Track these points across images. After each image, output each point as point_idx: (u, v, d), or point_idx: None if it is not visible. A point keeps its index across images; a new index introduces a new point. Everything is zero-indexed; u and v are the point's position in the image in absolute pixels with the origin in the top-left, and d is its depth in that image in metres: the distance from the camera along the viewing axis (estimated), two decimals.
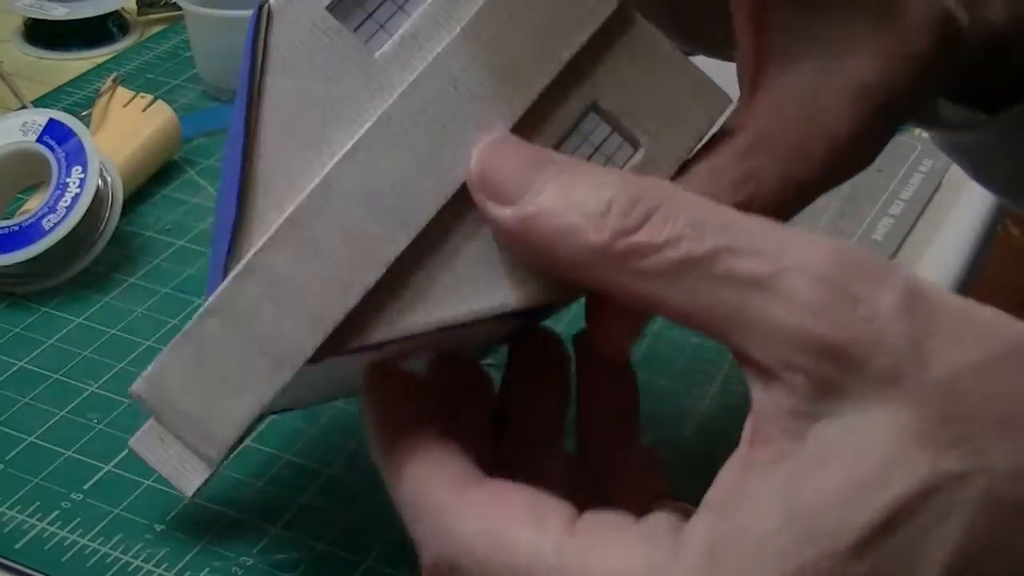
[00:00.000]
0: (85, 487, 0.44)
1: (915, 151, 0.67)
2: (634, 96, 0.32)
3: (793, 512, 0.25)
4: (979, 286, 0.64)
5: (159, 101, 0.63)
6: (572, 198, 0.28)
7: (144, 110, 0.62)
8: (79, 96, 0.71)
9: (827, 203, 0.62)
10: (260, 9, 0.30)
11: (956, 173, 0.66)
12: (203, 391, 0.30)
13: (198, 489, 0.37)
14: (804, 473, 0.25)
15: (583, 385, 0.35)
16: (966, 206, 0.65)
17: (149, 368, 0.31)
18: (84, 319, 0.53)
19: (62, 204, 0.53)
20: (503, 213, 0.29)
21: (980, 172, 0.46)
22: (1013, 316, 0.26)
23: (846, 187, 0.63)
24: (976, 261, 0.63)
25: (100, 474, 0.44)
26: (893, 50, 0.33)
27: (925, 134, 0.70)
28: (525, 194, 0.29)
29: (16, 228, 0.53)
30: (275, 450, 0.45)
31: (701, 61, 0.34)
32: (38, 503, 0.43)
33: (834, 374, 0.25)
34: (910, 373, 0.25)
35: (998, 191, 0.48)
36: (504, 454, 0.34)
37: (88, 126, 0.60)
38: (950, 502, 0.24)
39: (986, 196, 0.66)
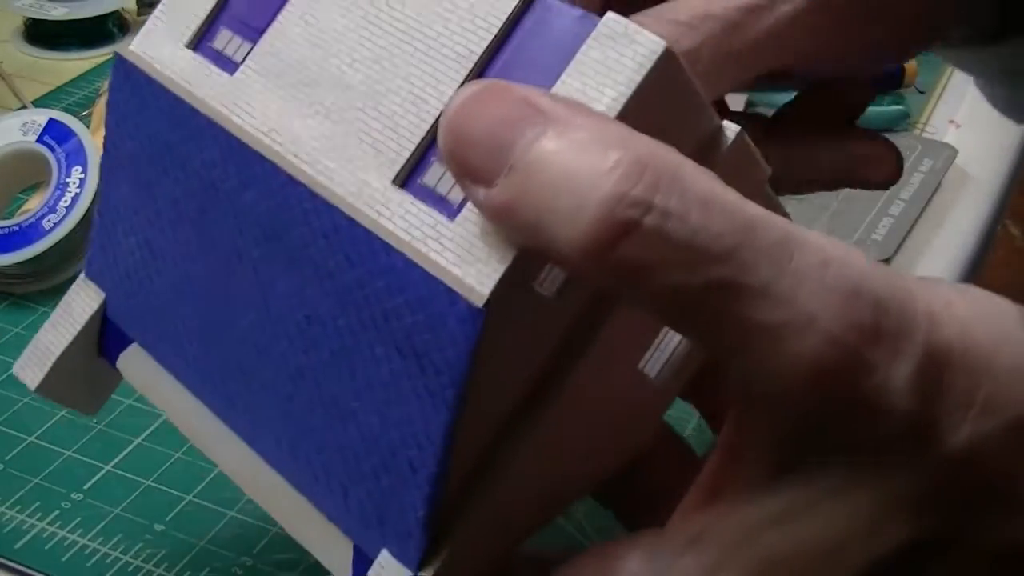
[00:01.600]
0: (85, 487, 0.44)
1: (915, 151, 0.67)
2: None
3: (766, 556, 0.24)
4: (979, 286, 0.64)
5: None
6: (549, 195, 0.23)
7: None
8: (79, 96, 0.71)
9: (827, 203, 0.62)
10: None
11: (956, 173, 0.66)
12: None
13: None
14: (785, 517, 0.24)
15: None
16: (966, 206, 0.65)
17: None
18: None
19: (62, 204, 0.53)
20: (476, 196, 0.24)
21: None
22: None
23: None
24: (976, 261, 0.62)
25: (100, 474, 0.44)
26: None
27: (925, 134, 0.70)
28: (498, 173, 0.23)
29: (16, 228, 0.53)
30: None
31: None
32: (38, 503, 0.43)
33: (831, 432, 0.24)
34: (914, 448, 0.24)
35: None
36: None
37: (88, 126, 0.60)
38: (923, 567, 0.24)
39: (986, 196, 0.66)
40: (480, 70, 0.27)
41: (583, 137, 0.23)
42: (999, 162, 0.70)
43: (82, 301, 0.36)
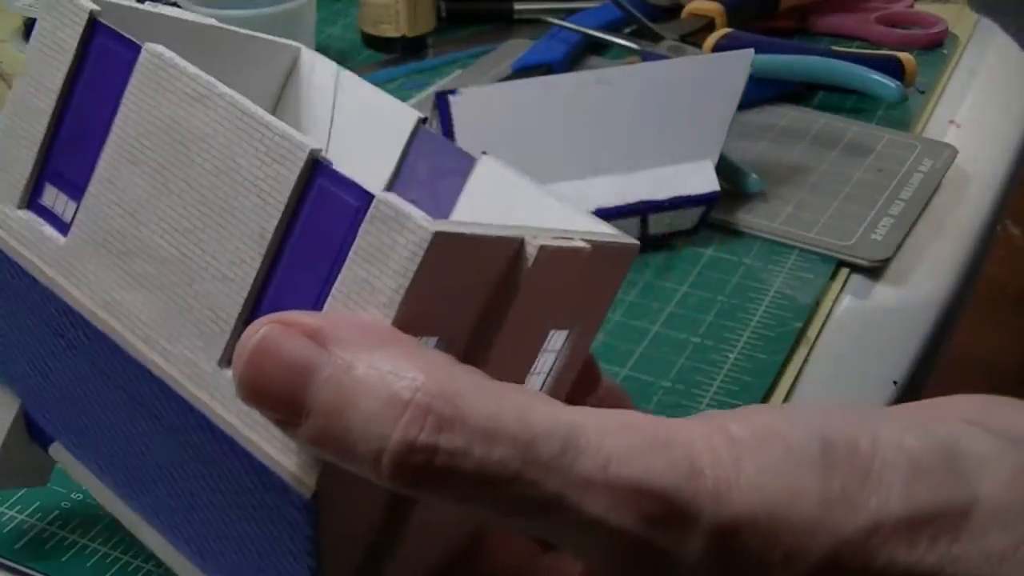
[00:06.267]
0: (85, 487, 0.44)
1: (915, 151, 0.67)
2: None
3: None
4: (979, 286, 0.64)
5: None
6: (348, 440, 0.25)
7: None
8: None
9: (827, 203, 0.62)
10: None
11: (956, 173, 0.66)
12: None
13: None
14: None
15: None
16: (966, 206, 0.65)
17: None
18: None
19: None
20: (286, 432, 0.26)
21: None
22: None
23: (846, 187, 0.63)
24: (976, 261, 0.63)
25: None
26: None
27: (925, 134, 0.70)
28: (300, 416, 0.25)
29: None
30: None
31: None
32: (38, 503, 0.43)
33: None
34: None
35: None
36: None
37: None
38: None
39: (986, 196, 0.66)
40: (275, 251, 0.28)
41: (367, 377, 0.25)
42: (999, 162, 0.70)
43: (3, 404, 0.38)
